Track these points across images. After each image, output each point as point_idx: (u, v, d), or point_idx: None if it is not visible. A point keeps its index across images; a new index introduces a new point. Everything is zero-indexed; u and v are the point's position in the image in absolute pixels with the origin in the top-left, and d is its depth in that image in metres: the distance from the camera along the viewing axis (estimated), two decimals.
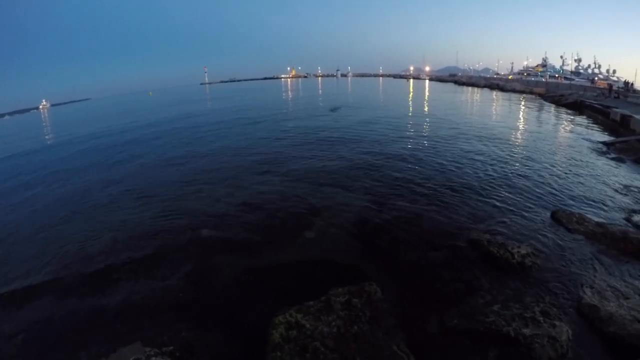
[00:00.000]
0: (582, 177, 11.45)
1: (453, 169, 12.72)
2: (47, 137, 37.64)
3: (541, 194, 10.08)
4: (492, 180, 11.34)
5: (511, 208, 9.13)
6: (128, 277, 7.17)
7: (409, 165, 13.35)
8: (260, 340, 4.71)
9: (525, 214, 8.73)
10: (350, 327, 4.46)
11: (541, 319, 4.74)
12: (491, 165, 13.18)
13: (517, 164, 13.19)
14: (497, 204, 9.45)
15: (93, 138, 29.07)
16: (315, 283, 5.89)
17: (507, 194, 10.14)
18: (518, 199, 9.75)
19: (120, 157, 19.78)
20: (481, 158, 14.19)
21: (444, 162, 13.61)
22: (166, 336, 5.35)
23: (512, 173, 12.11)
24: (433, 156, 14.64)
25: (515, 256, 6.22)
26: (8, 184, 16.61)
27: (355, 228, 8.48)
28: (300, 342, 4.31)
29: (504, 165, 13.08)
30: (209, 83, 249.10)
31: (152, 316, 5.90)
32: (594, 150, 15.11)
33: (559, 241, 7.26)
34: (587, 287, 5.58)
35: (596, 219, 7.96)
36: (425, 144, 17.42)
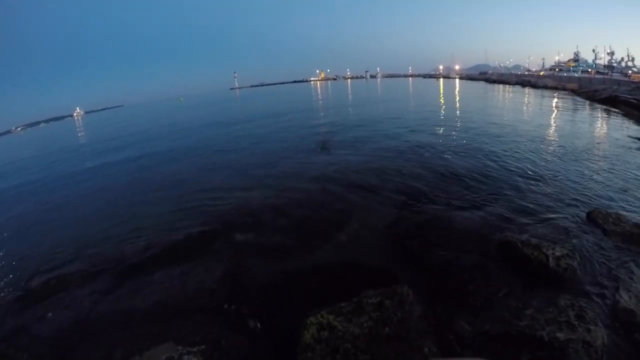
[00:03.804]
0: (618, 175, 11.01)
1: (485, 168, 12.54)
2: (92, 140, 39.27)
3: (576, 192, 9.78)
4: (525, 179, 11.11)
5: (545, 207, 8.91)
6: (162, 278, 7.45)
7: (441, 166, 13.25)
8: (291, 340, 4.83)
9: (560, 214, 8.50)
10: (382, 328, 4.52)
11: (576, 323, 4.65)
12: (524, 163, 12.91)
13: (551, 162, 12.86)
14: (531, 203, 9.24)
15: (129, 142, 30.23)
16: (347, 285, 5.97)
17: (540, 192, 9.92)
18: (552, 197, 9.51)
19: (153, 160, 20.58)
20: (514, 156, 13.91)
21: (476, 162, 13.42)
22: (198, 335, 5.54)
23: (545, 171, 11.82)
24: (465, 155, 14.49)
25: (550, 258, 6.08)
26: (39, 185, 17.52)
27: (387, 231, 8.51)
28: (332, 343, 4.40)
29: (537, 163, 12.79)
30: (239, 88, 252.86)
31: (185, 316, 6.12)
32: (630, 147, 14.50)
33: (595, 242, 7.04)
34: (623, 290, 5.42)
35: (634, 220, 7.66)
36: (456, 143, 17.20)
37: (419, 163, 13.87)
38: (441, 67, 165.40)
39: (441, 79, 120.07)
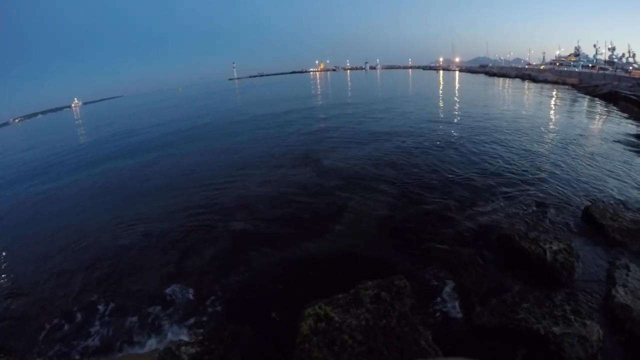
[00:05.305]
0: (616, 171, 11.04)
1: (485, 163, 12.59)
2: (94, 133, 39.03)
3: (574, 188, 9.83)
4: (524, 174, 11.15)
5: (544, 202, 8.96)
6: (160, 269, 7.47)
7: (439, 159, 13.28)
8: (289, 331, 4.84)
9: (558, 208, 8.55)
10: (379, 320, 4.53)
11: (572, 317, 4.67)
12: (523, 157, 12.96)
13: (550, 157, 12.89)
14: (530, 198, 9.28)
15: (126, 135, 30.10)
16: (345, 276, 5.98)
17: (539, 187, 9.96)
18: (551, 192, 9.55)
19: (154, 152, 20.49)
20: (513, 150, 13.96)
21: (475, 156, 13.47)
22: (197, 326, 5.59)
23: (544, 166, 11.87)
24: (464, 150, 14.52)
25: (547, 252, 6.07)
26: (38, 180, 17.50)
27: (385, 222, 8.52)
28: (329, 334, 4.41)
29: (536, 158, 12.83)
30: (238, 78, 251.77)
31: (183, 307, 6.16)
32: (628, 143, 14.47)
33: (592, 237, 7.09)
34: (619, 286, 5.43)
35: (631, 215, 7.68)
36: (456, 136, 17.25)
37: (417, 156, 13.90)
38: (441, 59, 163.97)
39: (441, 71, 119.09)
